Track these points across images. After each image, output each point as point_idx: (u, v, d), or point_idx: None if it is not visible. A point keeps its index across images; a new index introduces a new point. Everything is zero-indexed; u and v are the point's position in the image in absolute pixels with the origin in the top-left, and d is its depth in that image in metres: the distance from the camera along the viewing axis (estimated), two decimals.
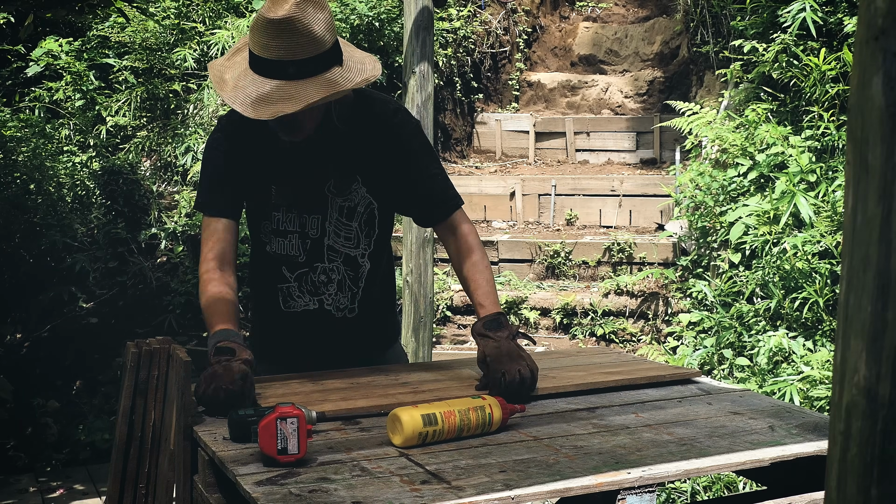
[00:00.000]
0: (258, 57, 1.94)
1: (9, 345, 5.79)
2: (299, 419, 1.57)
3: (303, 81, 1.92)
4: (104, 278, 6.17)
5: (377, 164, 2.16)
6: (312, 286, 2.18)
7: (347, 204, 2.15)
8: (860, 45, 0.88)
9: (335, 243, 2.16)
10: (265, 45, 1.91)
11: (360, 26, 7.01)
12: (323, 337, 2.23)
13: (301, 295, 2.19)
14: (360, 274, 2.21)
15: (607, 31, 8.97)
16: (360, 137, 2.14)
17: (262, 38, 1.92)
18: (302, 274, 2.18)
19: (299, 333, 2.24)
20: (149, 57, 7.23)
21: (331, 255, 2.17)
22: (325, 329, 2.22)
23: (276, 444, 1.55)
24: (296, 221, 2.15)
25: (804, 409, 2.00)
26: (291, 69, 1.91)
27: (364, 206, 2.17)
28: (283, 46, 1.91)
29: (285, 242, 2.16)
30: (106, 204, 6.49)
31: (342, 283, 2.19)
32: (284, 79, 1.92)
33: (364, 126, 2.14)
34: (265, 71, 1.93)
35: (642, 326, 5.73)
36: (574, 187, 7.17)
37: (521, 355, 1.97)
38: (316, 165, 2.13)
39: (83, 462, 5.01)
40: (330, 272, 2.18)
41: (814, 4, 5.28)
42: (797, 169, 4.92)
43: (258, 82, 1.93)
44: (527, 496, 1.45)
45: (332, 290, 2.19)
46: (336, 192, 2.14)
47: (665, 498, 3.85)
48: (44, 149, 6.32)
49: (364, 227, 2.18)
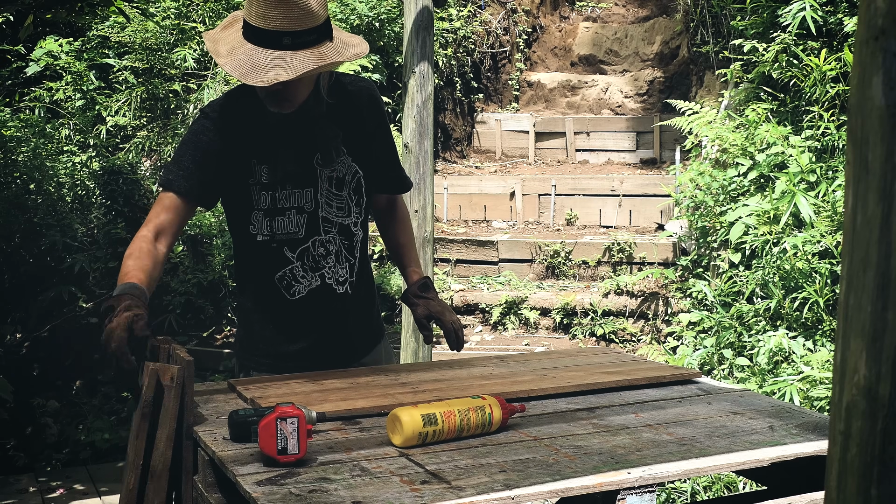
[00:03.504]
0: (254, 27, 1.99)
1: (9, 345, 5.79)
2: (299, 419, 1.57)
3: (297, 52, 1.98)
4: (104, 278, 6.17)
5: (359, 134, 2.24)
6: (313, 261, 2.22)
7: (336, 175, 2.20)
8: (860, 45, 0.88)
9: (328, 214, 2.21)
10: (263, 14, 1.97)
11: (360, 26, 7.01)
12: (328, 317, 2.25)
13: (304, 274, 2.21)
14: (355, 243, 2.26)
15: (607, 31, 8.97)
16: (343, 109, 2.21)
17: (259, 9, 1.97)
18: (303, 251, 2.21)
19: (305, 319, 2.24)
20: (149, 57, 7.23)
21: (326, 227, 2.21)
22: (329, 308, 2.24)
23: (276, 444, 1.55)
24: (290, 198, 2.17)
25: (804, 409, 2.00)
26: (287, 40, 1.98)
27: (351, 175, 2.23)
28: (281, 17, 1.97)
29: (285, 221, 2.18)
30: (106, 204, 6.49)
31: (339, 253, 2.24)
32: (279, 49, 1.97)
33: (345, 98, 2.22)
34: (261, 41, 1.98)
35: (642, 326, 5.73)
36: (574, 187, 7.17)
37: (451, 309, 2.34)
38: (302, 140, 2.18)
39: (83, 462, 5.01)
40: (327, 244, 2.22)
41: (814, 4, 5.28)
42: (797, 169, 4.93)
43: (253, 51, 1.99)
44: (527, 496, 1.45)
45: (331, 263, 2.23)
46: (323, 163, 2.19)
47: (665, 498, 3.85)
48: (44, 149, 6.32)
49: (353, 196, 2.24)
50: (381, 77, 6.89)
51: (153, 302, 6.01)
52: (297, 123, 2.15)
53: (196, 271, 6.17)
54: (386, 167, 2.34)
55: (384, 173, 2.34)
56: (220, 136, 2.14)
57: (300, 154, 2.17)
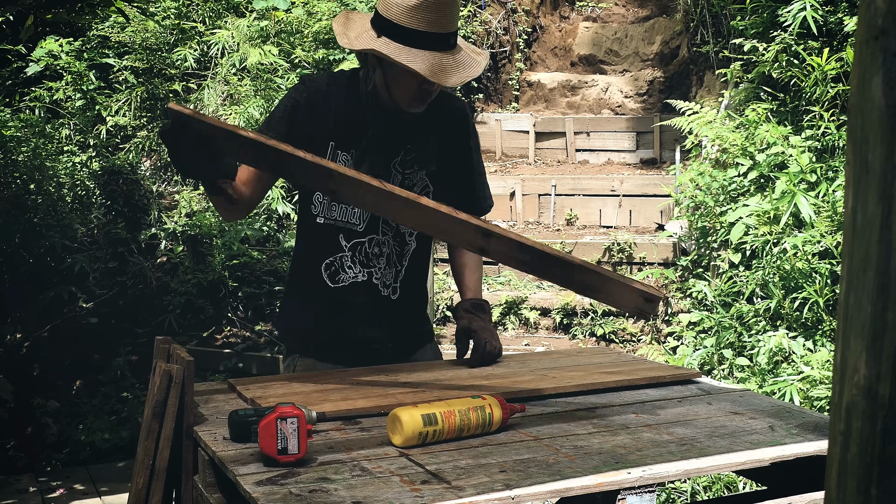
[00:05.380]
0: (426, 33, 2.03)
1: (9, 345, 5.79)
2: (299, 419, 1.57)
3: (457, 51, 2.09)
4: (104, 278, 6.17)
5: (445, 151, 2.29)
6: (365, 257, 2.25)
7: (407, 182, 2.24)
8: (860, 44, 0.88)
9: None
10: (434, 20, 2.03)
11: None
12: (367, 312, 2.27)
13: (352, 265, 2.25)
14: (406, 251, 2.29)
15: (607, 31, 8.97)
16: (437, 122, 2.26)
17: (430, 15, 2.03)
18: (357, 244, 2.24)
19: (344, 309, 2.26)
20: (149, 57, 7.23)
21: (384, 229, 2.25)
22: (370, 303, 2.26)
23: (276, 444, 1.55)
24: None
25: (804, 409, 2.00)
26: (452, 40, 2.08)
27: (421, 187, 2.26)
28: (448, 18, 2.06)
29: (347, 209, 2.22)
30: (106, 204, 6.49)
31: (390, 257, 2.27)
32: (447, 50, 2.06)
33: (440, 111, 2.26)
34: (433, 44, 2.04)
35: (642, 326, 5.73)
36: (574, 187, 7.17)
37: (497, 336, 2.31)
38: (392, 140, 2.22)
39: (83, 462, 5.01)
40: (381, 245, 2.26)
41: (814, 4, 5.28)
42: (797, 169, 4.93)
43: (427, 55, 2.03)
44: (527, 496, 1.45)
45: (382, 264, 2.26)
46: (401, 168, 2.24)
47: (665, 498, 3.85)
48: (44, 149, 6.32)
49: None
50: None
51: (153, 302, 6.03)
52: (394, 126, 2.20)
53: (196, 271, 6.17)
54: (460, 189, 2.35)
55: (457, 196, 2.30)
56: (309, 103, 2.18)
57: (385, 155, 2.21)
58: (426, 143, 2.26)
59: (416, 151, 2.24)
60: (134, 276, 6.20)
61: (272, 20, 7.24)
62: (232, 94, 7.14)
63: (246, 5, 7.63)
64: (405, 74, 2.06)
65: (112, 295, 6.12)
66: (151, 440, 1.78)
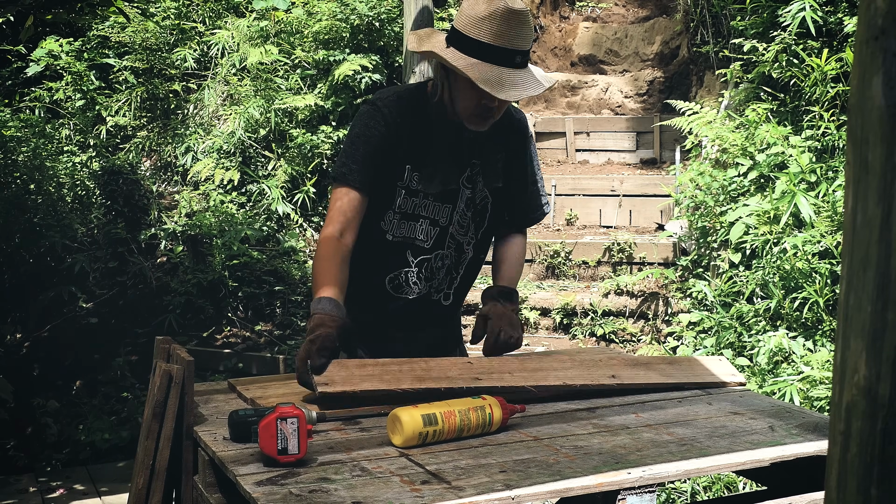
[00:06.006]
0: (489, 45, 2.02)
1: (9, 345, 5.79)
2: (299, 419, 1.57)
3: (527, 71, 2.08)
4: (104, 278, 6.17)
5: (509, 166, 2.30)
6: (429, 272, 2.27)
7: (473, 197, 2.25)
8: (860, 45, 0.88)
9: (455, 231, 2.26)
10: (501, 33, 2.02)
11: (360, 26, 7.01)
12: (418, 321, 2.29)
13: (417, 281, 2.26)
14: (462, 260, 2.31)
15: (607, 31, 8.97)
16: (502, 136, 2.26)
17: (501, 28, 2.02)
18: (424, 260, 2.25)
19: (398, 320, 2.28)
20: (149, 57, 7.23)
21: (450, 243, 2.27)
22: (421, 313, 2.29)
23: (276, 444, 1.55)
24: (428, 208, 2.21)
25: (804, 409, 2.00)
26: (518, 58, 2.05)
27: (481, 198, 2.27)
28: (516, 36, 2.03)
29: (416, 226, 2.22)
30: (106, 204, 6.49)
31: (449, 267, 2.29)
32: (513, 66, 2.04)
33: (503, 125, 2.24)
34: (496, 58, 2.02)
35: (642, 326, 5.73)
36: (574, 187, 7.17)
37: (518, 326, 2.23)
38: (460, 157, 2.22)
39: (83, 462, 5.01)
40: (444, 258, 2.27)
41: (814, 4, 5.28)
42: (797, 169, 4.92)
43: (490, 68, 2.02)
44: (527, 496, 1.45)
45: (442, 275, 2.28)
46: (469, 183, 2.24)
47: (665, 498, 3.85)
48: (44, 149, 6.33)
49: (476, 218, 2.28)
50: (380, 77, 6.89)
51: (153, 302, 6.03)
52: (462, 142, 2.20)
53: (196, 271, 6.17)
54: (518, 201, 2.37)
55: (515, 207, 2.38)
56: (388, 133, 2.16)
57: (454, 170, 2.22)
58: (492, 159, 2.26)
59: (482, 167, 2.25)
60: (134, 276, 6.20)
61: (272, 20, 7.24)
62: (232, 94, 7.14)
63: (246, 5, 7.63)
64: (466, 86, 2.05)
65: (112, 295, 6.12)
66: (151, 440, 1.78)
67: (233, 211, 6.53)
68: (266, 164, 6.86)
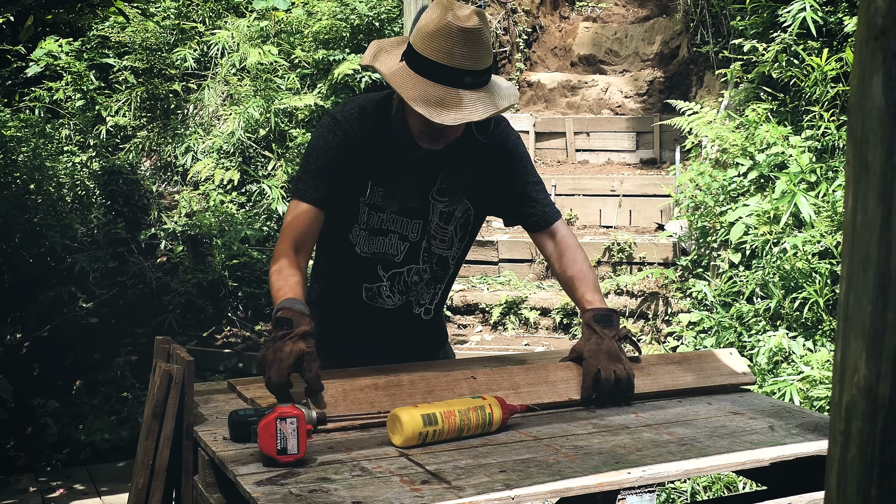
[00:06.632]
0: (434, 62, 1.91)
1: (9, 345, 5.79)
2: (299, 419, 1.56)
3: (478, 93, 1.94)
4: (104, 278, 6.17)
5: (485, 176, 2.18)
6: (403, 285, 2.21)
7: (448, 209, 2.17)
8: (860, 45, 0.88)
9: (432, 246, 2.19)
10: (449, 51, 1.90)
11: (360, 26, 7.01)
12: (397, 328, 2.25)
13: (391, 294, 2.21)
14: (446, 275, 2.26)
15: (607, 31, 8.97)
16: (473, 150, 2.13)
17: (446, 45, 1.90)
18: (396, 274, 2.20)
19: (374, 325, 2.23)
20: (149, 57, 7.23)
21: (425, 257, 2.20)
22: (402, 322, 2.24)
23: (275, 444, 1.55)
24: (396, 223, 2.15)
25: (804, 409, 2.00)
26: (468, 79, 1.92)
27: (462, 211, 2.19)
28: (467, 55, 1.91)
29: (385, 241, 2.15)
30: (106, 204, 6.49)
31: (429, 281, 2.23)
32: (461, 87, 1.92)
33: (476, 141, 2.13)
34: (442, 78, 1.91)
35: (642, 326, 5.73)
36: (574, 187, 7.17)
37: (621, 357, 1.97)
38: (427, 173, 2.13)
39: (83, 462, 5.01)
40: (422, 272, 2.21)
41: (814, 4, 5.28)
42: (797, 169, 4.92)
43: (433, 87, 1.91)
44: (527, 496, 1.45)
45: (420, 289, 2.23)
46: (439, 196, 2.16)
47: (665, 498, 3.85)
48: (44, 149, 6.33)
49: (459, 232, 2.21)
50: (380, 76, 6.88)
51: (153, 302, 6.02)
52: (427, 157, 2.09)
53: (196, 271, 6.17)
54: (520, 202, 2.22)
55: (518, 209, 2.24)
56: (347, 147, 2.08)
57: (421, 186, 2.13)
58: (460, 169, 2.14)
59: (450, 180, 2.14)
60: (134, 276, 6.21)
61: (272, 20, 7.24)
62: (232, 94, 7.14)
63: (246, 5, 7.63)
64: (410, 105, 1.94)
65: (112, 295, 6.12)
66: (151, 440, 1.78)
67: (233, 211, 6.53)
68: (266, 164, 6.86)
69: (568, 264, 2.18)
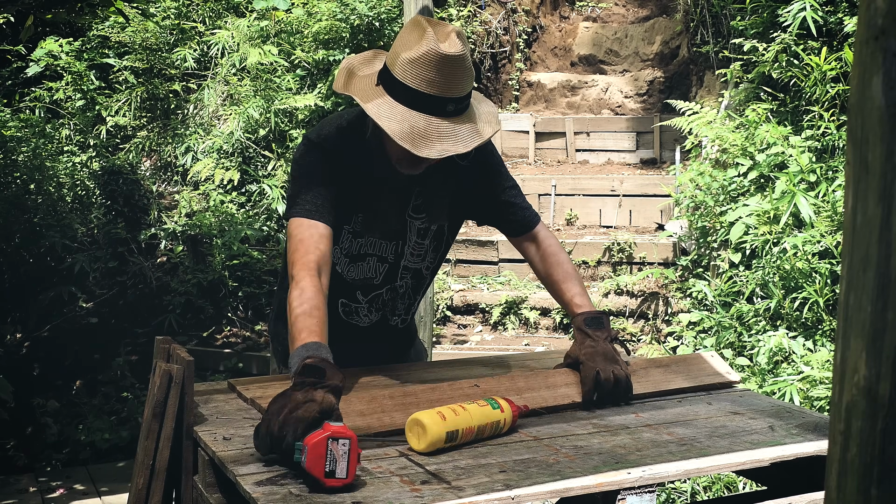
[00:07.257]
0: (416, 91, 1.82)
1: (9, 345, 5.79)
2: (351, 441, 1.43)
3: (461, 122, 1.86)
4: (104, 278, 6.17)
5: (462, 188, 2.14)
6: (381, 304, 2.19)
7: (424, 226, 2.13)
8: (860, 45, 0.88)
9: (409, 262, 2.16)
10: (430, 80, 1.81)
11: (360, 26, 7.01)
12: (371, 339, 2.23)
13: (368, 314, 2.19)
14: (421, 286, 2.23)
15: (607, 31, 8.97)
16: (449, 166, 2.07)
17: (429, 73, 1.81)
18: (376, 296, 2.17)
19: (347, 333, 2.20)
20: (149, 57, 7.23)
21: (403, 274, 2.17)
22: (377, 331, 2.22)
23: (324, 466, 1.41)
24: (374, 246, 2.10)
25: (804, 409, 2.00)
26: (451, 106, 1.84)
27: (437, 224, 2.15)
28: (447, 84, 1.82)
29: (364, 266, 2.12)
30: (106, 204, 6.49)
31: (405, 294, 2.21)
32: (443, 116, 1.84)
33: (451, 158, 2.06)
34: (424, 107, 1.83)
35: (642, 326, 5.73)
36: (574, 187, 7.17)
37: (617, 358, 1.97)
38: (403, 195, 2.08)
39: (83, 462, 5.01)
40: (399, 288, 2.19)
41: (814, 4, 5.28)
42: (797, 169, 4.93)
43: (415, 117, 1.82)
44: (527, 496, 1.45)
45: (397, 303, 2.20)
46: (415, 214, 2.11)
47: (665, 498, 3.85)
48: (44, 149, 6.33)
49: (432, 244, 2.17)
50: None
51: (153, 302, 6.03)
52: (404, 180, 2.03)
53: (196, 271, 6.17)
54: (499, 210, 2.17)
55: (498, 216, 2.19)
56: (332, 172, 2.00)
57: (397, 208, 2.08)
58: (436, 186, 2.09)
59: (426, 196, 2.09)
60: (134, 276, 6.21)
61: (272, 20, 7.24)
62: (232, 94, 7.14)
63: (246, 5, 7.63)
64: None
65: (112, 295, 6.12)
66: (151, 440, 1.78)
67: (233, 211, 6.53)
68: (266, 164, 6.86)
69: (552, 267, 2.15)
